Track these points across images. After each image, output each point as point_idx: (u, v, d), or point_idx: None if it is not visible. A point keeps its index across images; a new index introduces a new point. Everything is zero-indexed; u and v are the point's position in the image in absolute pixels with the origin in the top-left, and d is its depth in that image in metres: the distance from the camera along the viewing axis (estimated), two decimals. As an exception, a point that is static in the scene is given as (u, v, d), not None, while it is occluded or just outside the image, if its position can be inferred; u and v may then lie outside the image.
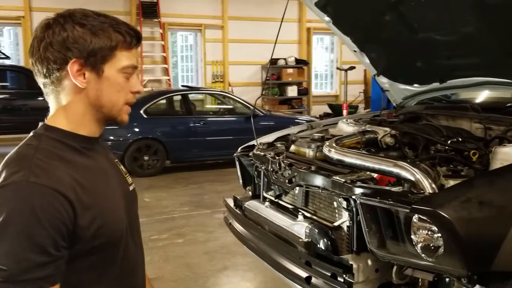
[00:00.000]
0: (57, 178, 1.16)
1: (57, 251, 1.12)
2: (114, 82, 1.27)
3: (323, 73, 16.96)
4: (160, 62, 13.77)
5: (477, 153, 2.72)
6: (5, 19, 12.12)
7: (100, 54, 1.24)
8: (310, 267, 2.42)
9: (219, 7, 14.12)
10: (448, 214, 2.01)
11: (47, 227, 1.10)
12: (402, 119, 3.72)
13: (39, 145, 1.22)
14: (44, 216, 1.10)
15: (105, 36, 1.24)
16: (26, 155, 1.20)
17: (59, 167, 1.19)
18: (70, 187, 1.17)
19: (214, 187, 7.61)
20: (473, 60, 3.36)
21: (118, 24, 1.27)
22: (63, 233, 1.13)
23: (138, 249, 1.43)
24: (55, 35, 1.22)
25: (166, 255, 4.95)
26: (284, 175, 2.91)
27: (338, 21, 3.76)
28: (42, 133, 1.26)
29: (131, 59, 1.30)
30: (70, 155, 1.25)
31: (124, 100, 1.32)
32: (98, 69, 1.25)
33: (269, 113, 9.73)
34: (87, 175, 1.25)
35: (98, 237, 1.22)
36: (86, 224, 1.18)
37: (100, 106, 1.28)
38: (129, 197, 1.42)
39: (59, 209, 1.13)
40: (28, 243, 1.09)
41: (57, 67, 1.23)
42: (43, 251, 1.10)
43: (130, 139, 8.27)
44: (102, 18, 1.26)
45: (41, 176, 1.14)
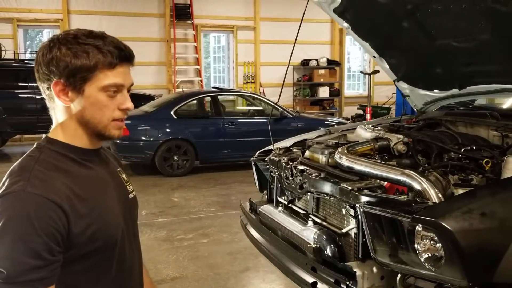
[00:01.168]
0: (53, 188, 1.25)
1: (52, 256, 1.21)
2: (95, 100, 1.33)
3: (356, 74, 16.83)
4: (192, 63, 13.97)
5: (490, 161, 2.70)
6: (45, 22, 12.58)
7: (80, 74, 1.30)
8: (316, 272, 2.47)
9: (251, 8, 14.23)
10: (449, 224, 2.03)
11: (42, 234, 1.19)
12: (420, 125, 3.71)
13: (39, 156, 1.32)
14: (39, 224, 1.19)
15: (84, 57, 1.29)
16: (27, 166, 1.29)
17: (57, 178, 1.28)
18: (65, 197, 1.25)
19: (241, 188, 7.69)
20: (491, 67, 3.32)
21: (104, 44, 1.32)
22: (57, 239, 1.22)
23: (134, 252, 1.51)
24: (43, 56, 1.32)
25: (191, 255, 5.05)
26: (296, 181, 2.96)
27: (356, 27, 3.78)
28: (44, 145, 1.36)
29: (115, 78, 1.33)
30: (69, 166, 1.33)
31: (108, 118, 1.36)
32: (79, 88, 1.32)
33: (298, 115, 9.73)
34: (84, 184, 1.33)
35: (93, 242, 1.30)
36: (81, 230, 1.27)
37: (86, 123, 1.35)
38: (128, 204, 1.51)
39: (53, 218, 1.21)
40: (24, 248, 1.18)
41: (46, 86, 1.34)
42: (38, 256, 1.19)
43: (160, 140, 8.45)
44: (90, 40, 1.31)
45: (38, 187, 1.23)
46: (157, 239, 5.42)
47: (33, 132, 11.04)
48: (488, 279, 2.03)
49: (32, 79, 10.20)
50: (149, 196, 7.22)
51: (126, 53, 1.36)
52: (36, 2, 12.20)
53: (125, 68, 1.37)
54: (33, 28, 14.29)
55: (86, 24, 12.36)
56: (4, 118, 9.91)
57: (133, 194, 1.56)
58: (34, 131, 10.78)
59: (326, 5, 3.66)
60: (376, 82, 13.39)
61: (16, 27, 12.15)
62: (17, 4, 12.07)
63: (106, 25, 12.48)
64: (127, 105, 1.38)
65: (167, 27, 13.34)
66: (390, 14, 3.42)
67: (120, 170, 1.57)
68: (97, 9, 12.66)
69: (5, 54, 10.66)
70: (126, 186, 1.54)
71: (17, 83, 10.40)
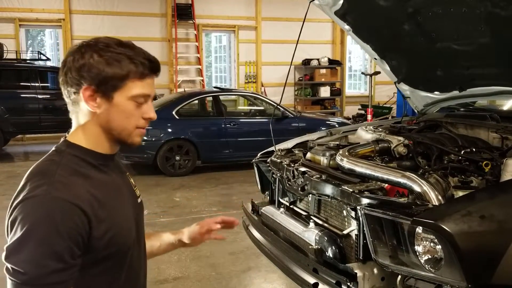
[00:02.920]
0: (76, 193, 1.27)
1: (73, 259, 1.24)
2: (124, 109, 1.36)
3: (357, 73, 16.86)
4: (194, 63, 14.00)
5: (489, 164, 2.73)
6: (47, 22, 12.61)
7: (111, 82, 1.33)
8: (317, 274, 2.51)
9: (252, 8, 14.25)
10: (448, 227, 2.06)
11: (66, 238, 1.22)
12: (421, 127, 3.74)
13: (61, 161, 1.33)
14: (64, 228, 1.22)
15: (117, 66, 1.32)
16: (49, 170, 1.31)
17: (79, 183, 1.30)
18: (88, 202, 1.28)
19: (243, 188, 7.72)
20: (491, 70, 3.35)
21: (135, 54, 1.35)
22: (79, 243, 1.25)
23: (141, 256, 1.54)
24: (75, 61, 1.33)
25: (193, 255, 5.07)
26: (297, 182, 3.00)
27: (357, 29, 3.81)
28: (64, 150, 1.37)
29: (143, 88, 1.37)
30: (89, 171, 1.36)
31: (133, 125, 1.39)
32: (108, 96, 1.34)
33: (300, 114, 9.75)
34: (103, 190, 1.36)
35: (110, 246, 1.33)
36: (100, 235, 1.30)
37: (110, 129, 1.38)
38: (137, 208, 1.53)
39: (77, 222, 1.24)
40: (48, 251, 1.20)
41: (73, 90, 1.35)
42: (61, 259, 1.21)
43: (162, 140, 8.48)
44: (121, 49, 1.34)
45: (63, 191, 1.25)
46: (159, 239, 5.45)
47: (35, 132, 11.09)
48: (487, 280, 2.06)
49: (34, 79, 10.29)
50: (151, 196, 7.25)
51: (156, 65, 1.39)
52: (38, 2, 12.23)
53: (153, 79, 1.40)
54: (35, 28, 14.34)
55: (88, 24, 12.42)
56: (6, 118, 9.95)
57: (140, 198, 1.59)
58: (36, 131, 10.82)
59: (328, 8, 3.69)
60: (378, 81, 13.44)
61: (18, 27, 12.18)
62: (19, 4, 12.10)
63: (108, 25, 12.55)
64: (151, 115, 1.41)
65: (169, 27, 13.37)
66: (391, 17, 3.45)
67: (129, 174, 1.60)
68: (99, 9, 12.68)
69: (7, 54, 10.68)
70: (134, 191, 1.57)
71: (19, 83, 10.44)
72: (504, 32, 2.87)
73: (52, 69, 10.97)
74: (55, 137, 10.77)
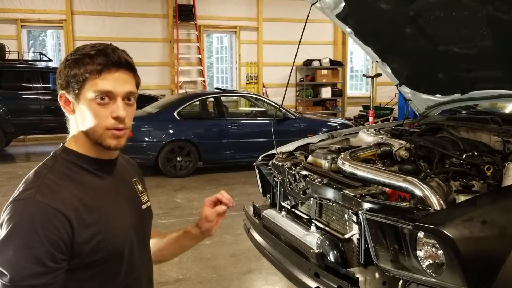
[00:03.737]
0: (61, 198, 1.28)
1: (55, 263, 1.24)
2: (88, 108, 1.34)
3: (359, 74, 16.85)
4: (195, 64, 14.01)
5: (491, 167, 2.73)
6: (48, 23, 12.63)
7: (72, 84, 1.34)
8: (318, 278, 2.50)
9: (254, 9, 14.26)
10: (450, 232, 2.06)
11: (45, 242, 1.23)
12: (422, 130, 3.74)
13: (53, 165, 1.36)
14: (43, 232, 1.23)
15: (76, 67, 1.33)
16: (40, 174, 1.33)
17: (66, 188, 1.31)
18: (72, 207, 1.28)
19: (244, 189, 7.71)
20: (493, 73, 3.35)
21: (96, 54, 1.33)
22: (61, 247, 1.25)
23: (144, 263, 1.53)
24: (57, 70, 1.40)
25: (194, 257, 5.07)
26: (299, 186, 2.99)
27: (359, 32, 3.80)
28: (59, 154, 1.40)
29: (103, 85, 1.32)
30: (80, 176, 1.37)
31: (102, 127, 1.35)
32: (75, 98, 1.36)
33: (301, 116, 9.74)
34: (94, 194, 1.36)
35: (98, 251, 1.33)
36: (85, 240, 1.29)
37: (86, 132, 1.37)
38: (140, 215, 1.52)
39: (58, 227, 1.25)
40: (27, 254, 1.22)
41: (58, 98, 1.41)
42: (41, 262, 1.22)
43: (163, 141, 8.49)
44: (87, 50, 1.35)
45: (46, 196, 1.27)
46: (161, 240, 5.45)
47: (37, 133, 11.10)
48: (488, 286, 2.06)
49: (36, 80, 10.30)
50: (152, 197, 7.13)
51: (112, 58, 1.34)
52: (39, 2, 12.25)
53: (115, 74, 1.35)
54: (36, 28, 14.37)
55: (89, 25, 12.44)
56: (8, 119, 9.96)
57: (147, 205, 1.57)
58: (38, 131, 10.83)
59: (329, 11, 3.68)
60: (379, 82, 13.43)
61: (20, 27, 12.20)
62: (21, 5, 12.11)
63: (109, 26, 12.55)
64: (118, 113, 1.34)
65: (170, 28, 13.37)
66: (392, 20, 3.44)
67: (137, 180, 1.58)
68: (101, 10, 12.69)
69: (9, 55, 10.69)
70: (140, 197, 1.55)
71: (21, 83, 10.45)
72: (506, 36, 2.87)
73: (54, 70, 10.96)
74: (57, 138, 10.79)
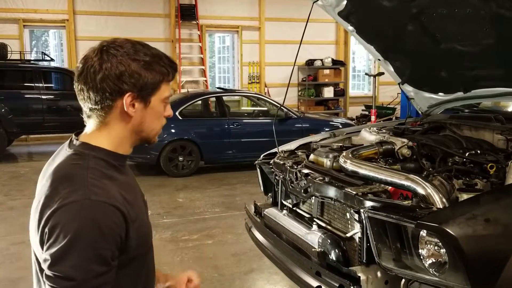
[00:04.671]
0: (112, 195, 1.29)
1: (113, 261, 1.27)
2: (157, 110, 1.43)
3: (361, 74, 16.83)
4: (197, 64, 14.00)
5: (494, 166, 2.71)
6: (51, 22, 12.63)
7: (150, 87, 1.39)
8: (320, 277, 2.49)
9: (256, 9, 14.24)
10: (453, 230, 2.04)
11: (109, 240, 1.24)
12: (425, 128, 3.72)
13: (88, 164, 1.34)
14: (107, 230, 1.24)
15: (154, 71, 1.38)
16: (79, 174, 1.30)
17: (110, 185, 1.32)
18: (122, 203, 1.30)
19: (246, 189, 7.71)
20: (496, 71, 3.33)
21: (161, 58, 1.41)
22: (118, 244, 1.27)
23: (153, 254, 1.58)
24: (113, 68, 1.33)
25: (196, 256, 5.07)
26: (300, 184, 2.98)
27: (361, 30, 3.79)
28: (88, 153, 1.37)
29: (169, 90, 1.47)
30: (112, 173, 1.38)
31: (161, 125, 1.48)
32: (146, 100, 1.40)
33: (303, 115, 9.73)
34: (128, 190, 1.38)
35: (140, 245, 1.37)
36: (134, 235, 1.32)
37: (140, 131, 1.43)
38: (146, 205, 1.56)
39: (118, 224, 1.27)
40: (93, 256, 1.22)
41: (111, 97, 1.35)
42: (104, 262, 1.24)
43: (165, 140, 8.47)
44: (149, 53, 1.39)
45: (100, 194, 1.27)
46: (162, 240, 5.44)
47: (39, 133, 11.10)
48: (492, 285, 2.04)
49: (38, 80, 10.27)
50: (154, 196, 7.25)
51: (177, 67, 1.49)
52: (42, 2, 12.25)
53: None
54: (38, 28, 14.37)
55: (91, 25, 12.44)
56: (10, 119, 9.96)
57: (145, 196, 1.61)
58: (40, 131, 10.83)
59: (331, 9, 3.67)
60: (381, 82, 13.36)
61: (22, 27, 12.20)
62: (23, 5, 12.12)
63: (112, 25, 12.56)
64: (170, 112, 1.49)
65: (172, 28, 13.37)
66: (395, 18, 3.42)
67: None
68: (103, 10, 12.69)
69: (11, 55, 10.70)
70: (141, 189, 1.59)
71: (23, 83, 10.45)
72: (509, 33, 2.85)
73: (56, 69, 10.98)
74: (59, 138, 10.80)
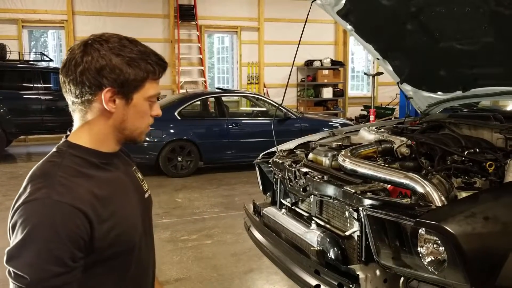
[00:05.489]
0: (77, 195, 1.26)
1: (74, 262, 1.23)
2: (140, 109, 1.39)
3: (360, 74, 16.84)
4: (196, 64, 14.00)
5: (493, 164, 2.71)
6: (49, 23, 12.63)
7: (133, 84, 1.34)
8: (319, 275, 2.48)
9: (255, 9, 14.25)
10: (452, 228, 2.04)
11: (66, 242, 1.21)
12: (424, 127, 3.72)
13: (62, 162, 1.32)
14: (64, 232, 1.21)
15: (138, 68, 1.34)
16: (50, 172, 1.29)
17: (80, 184, 1.29)
18: (89, 203, 1.27)
19: (245, 189, 7.71)
20: (495, 69, 3.32)
21: (149, 56, 1.37)
22: (80, 246, 1.24)
23: (150, 251, 1.55)
24: (93, 61, 1.30)
25: (195, 256, 5.06)
26: (299, 183, 2.97)
27: (360, 29, 3.79)
28: (66, 150, 1.36)
29: (156, 88, 1.41)
30: (91, 171, 1.35)
31: (146, 124, 1.44)
32: (128, 97, 1.36)
33: (302, 116, 9.73)
34: (106, 188, 1.35)
35: (115, 245, 1.33)
36: (102, 235, 1.29)
37: (123, 129, 1.40)
38: (145, 203, 1.54)
39: (78, 225, 1.23)
40: (48, 256, 1.20)
41: (90, 91, 1.32)
42: (61, 263, 1.21)
43: (164, 141, 8.47)
44: (136, 48, 1.35)
45: (63, 194, 1.24)
46: (161, 240, 5.44)
47: (38, 133, 11.09)
48: (491, 283, 2.04)
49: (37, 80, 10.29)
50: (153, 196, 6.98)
51: (166, 64, 1.43)
52: (40, 3, 12.25)
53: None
54: (37, 29, 14.36)
55: (90, 25, 12.43)
56: (9, 119, 9.96)
57: (148, 192, 1.59)
58: (39, 131, 10.82)
59: (330, 8, 3.66)
60: (380, 82, 13.40)
61: (21, 28, 12.20)
62: (22, 5, 12.12)
63: (111, 26, 12.54)
64: (158, 112, 1.45)
65: (171, 28, 13.37)
66: (393, 17, 3.42)
67: (136, 168, 1.58)
68: (102, 10, 12.69)
69: (10, 55, 10.69)
70: (141, 186, 1.56)
71: (22, 84, 10.44)
72: (508, 31, 2.84)
73: (55, 70, 10.96)
74: (58, 138, 10.60)
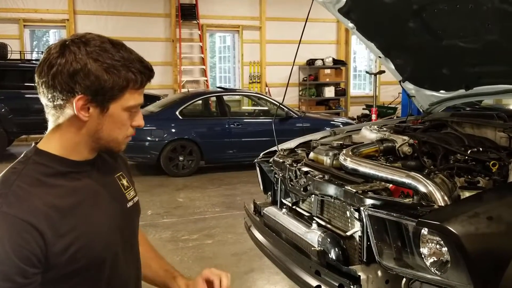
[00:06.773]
0: (30, 208, 1.17)
1: (25, 279, 1.15)
2: (117, 119, 1.26)
3: (362, 73, 16.79)
4: (198, 63, 13.96)
5: (497, 163, 2.67)
6: (51, 22, 12.62)
7: (109, 93, 1.21)
8: (319, 276, 2.45)
9: (257, 8, 14.21)
10: (455, 229, 2.00)
11: (14, 258, 1.13)
12: (426, 126, 3.68)
13: (22, 170, 1.22)
14: (12, 247, 1.13)
15: (116, 75, 1.20)
16: (8, 181, 1.20)
17: (37, 194, 1.19)
18: (44, 216, 1.17)
19: (247, 188, 7.68)
20: (499, 68, 3.28)
21: (132, 62, 1.23)
22: (32, 261, 1.15)
23: (130, 266, 1.43)
24: (67, 65, 1.18)
25: (195, 256, 5.04)
26: (300, 183, 2.94)
27: (361, 27, 3.75)
28: (30, 157, 1.26)
29: (138, 99, 1.28)
30: (54, 179, 1.24)
31: (124, 135, 1.31)
32: (103, 106, 1.23)
33: (304, 115, 9.70)
34: (69, 198, 1.24)
35: (75, 262, 1.22)
36: (60, 250, 1.19)
37: (98, 138, 1.28)
38: (126, 213, 1.42)
39: (28, 240, 1.14)
40: None
41: (62, 97, 1.21)
42: (8, 279, 1.13)
43: (165, 140, 8.45)
44: (119, 54, 1.22)
45: (14, 206, 1.15)
46: (162, 239, 5.42)
47: (39, 132, 11.03)
48: (495, 284, 2.00)
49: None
50: (154, 196, 7.22)
51: (152, 73, 1.29)
52: (42, 2, 12.23)
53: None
54: (39, 28, 14.33)
55: (92, 24, 12.40)
56: (11, 118, 9.95)
57: (133, 201, 1.45)
58: (40, 131, 10.79)
59: (331, 5, 3.63)
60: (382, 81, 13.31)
61: (22, 27, 12.18)
62: (23, 5, 12.10)
63: (112, 25, 12.53)
64: (140, 123, 1.33)
65: (173, 27, 13.34)
66: (396, 14, 3.38)
67: (121, 174, 1.45)
68: (103, 9, 12.67)
69: (11, 55, 10.68)
70: (124, 194, 1.43)
71: (23, 83, 10.42)
72: (512, 29, 2.81)
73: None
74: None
